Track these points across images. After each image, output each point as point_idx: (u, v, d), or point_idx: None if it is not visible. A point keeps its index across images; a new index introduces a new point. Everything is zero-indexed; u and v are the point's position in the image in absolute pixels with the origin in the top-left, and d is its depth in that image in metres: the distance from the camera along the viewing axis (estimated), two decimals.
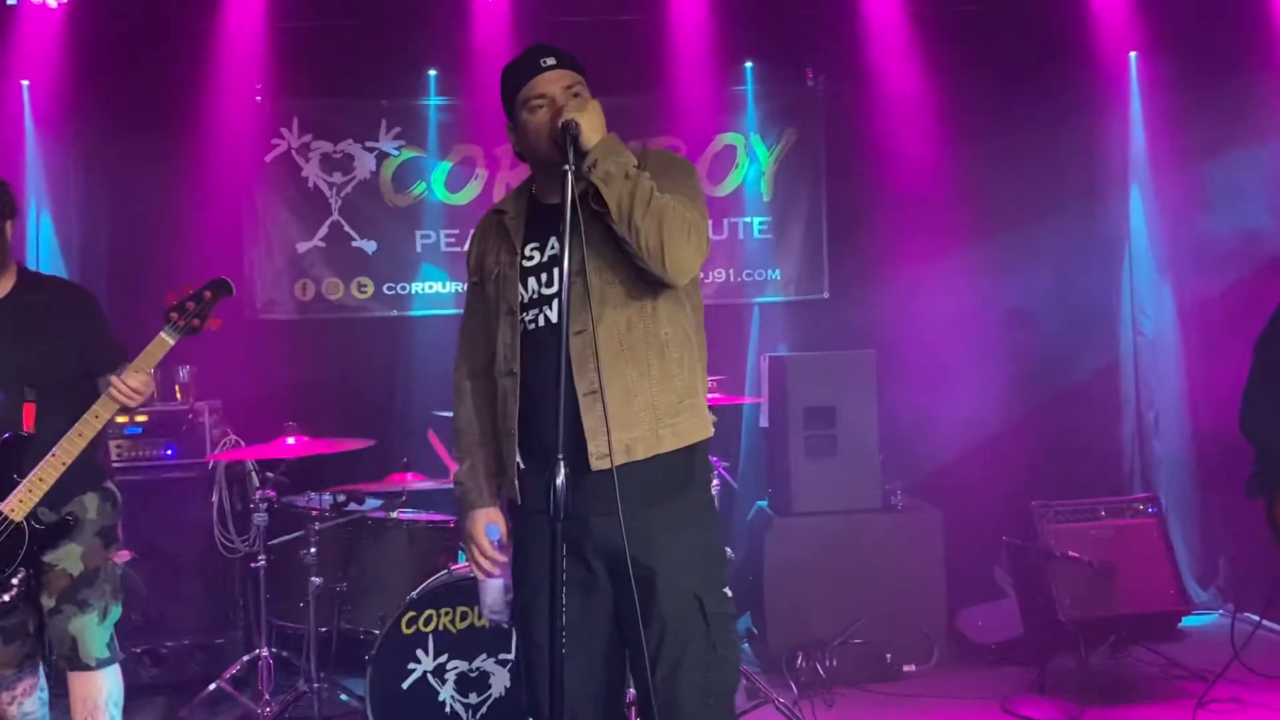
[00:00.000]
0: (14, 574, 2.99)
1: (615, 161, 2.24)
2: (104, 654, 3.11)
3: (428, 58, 5.42)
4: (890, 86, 5.34)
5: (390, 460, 4.29)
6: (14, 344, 3.00)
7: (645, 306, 2.33)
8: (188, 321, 3.07)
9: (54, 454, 2.95)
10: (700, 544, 2.37)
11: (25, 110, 5.17)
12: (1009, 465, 5.06)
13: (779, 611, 4.49)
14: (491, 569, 2.47)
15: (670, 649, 2.28)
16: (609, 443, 2.24)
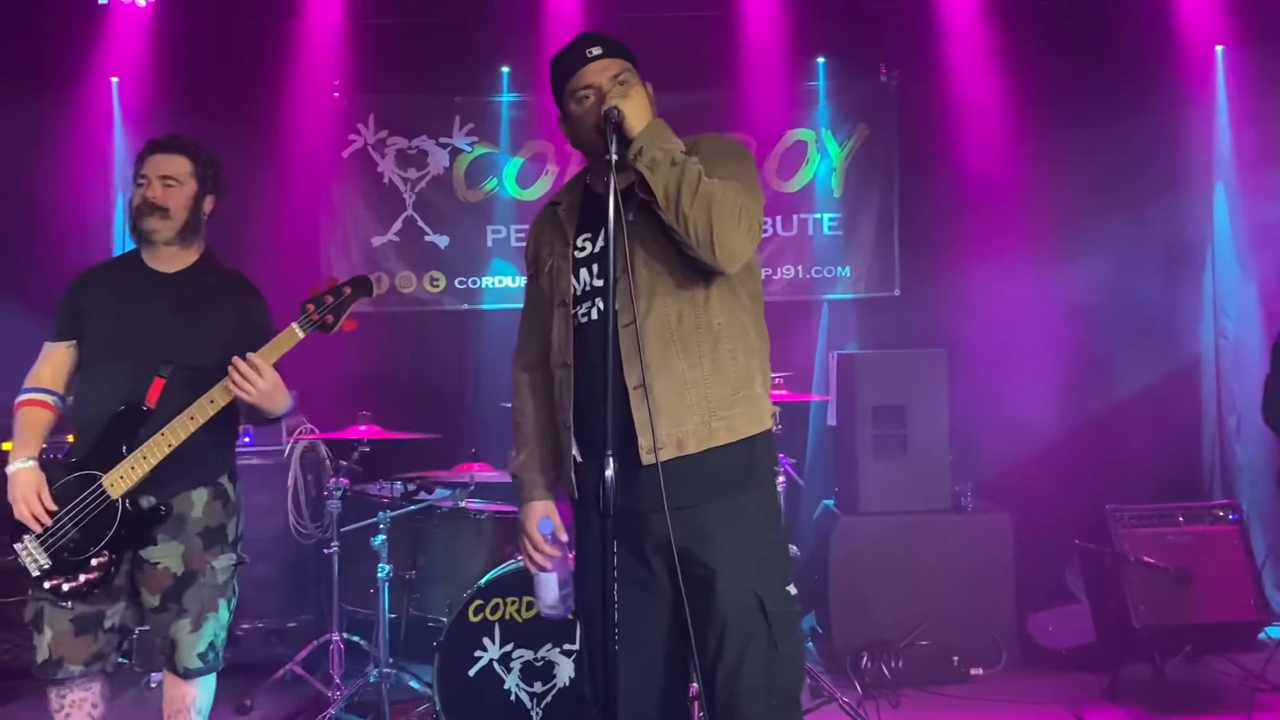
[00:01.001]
0: (98, 555, 2.80)
1: (660, 148, 2.19)
2: (194, 664, 2.93)
3: (501, 55, 5.49)
4: (965, 81, 5.28)
5: (459, 450, 4.34)
6: (172, 318, 2.90)
7: (697, 296, 2.28)
8: (322, 316, 2.89)
9: (162, 434, 2.80)
10: (762, 541, 2.32)
11: (114, 106, 5.35)
12: (1082, 468, 4.96)
13: (844, 611, 4.46)
14: (544, 563, 2.44)
15: (731, 648, 2.25)
16: (657, 437, 2.20)
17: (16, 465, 2.83)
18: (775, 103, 5.43)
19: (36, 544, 2.81)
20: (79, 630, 2.84)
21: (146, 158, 2.99)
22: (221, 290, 3.00)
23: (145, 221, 2.92)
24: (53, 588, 2.80)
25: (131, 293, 2.94)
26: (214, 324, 2.93)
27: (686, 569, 2.26)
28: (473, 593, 3.56)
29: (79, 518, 2.81)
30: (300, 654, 4.27)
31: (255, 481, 4.56)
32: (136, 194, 2.97)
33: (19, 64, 4.96)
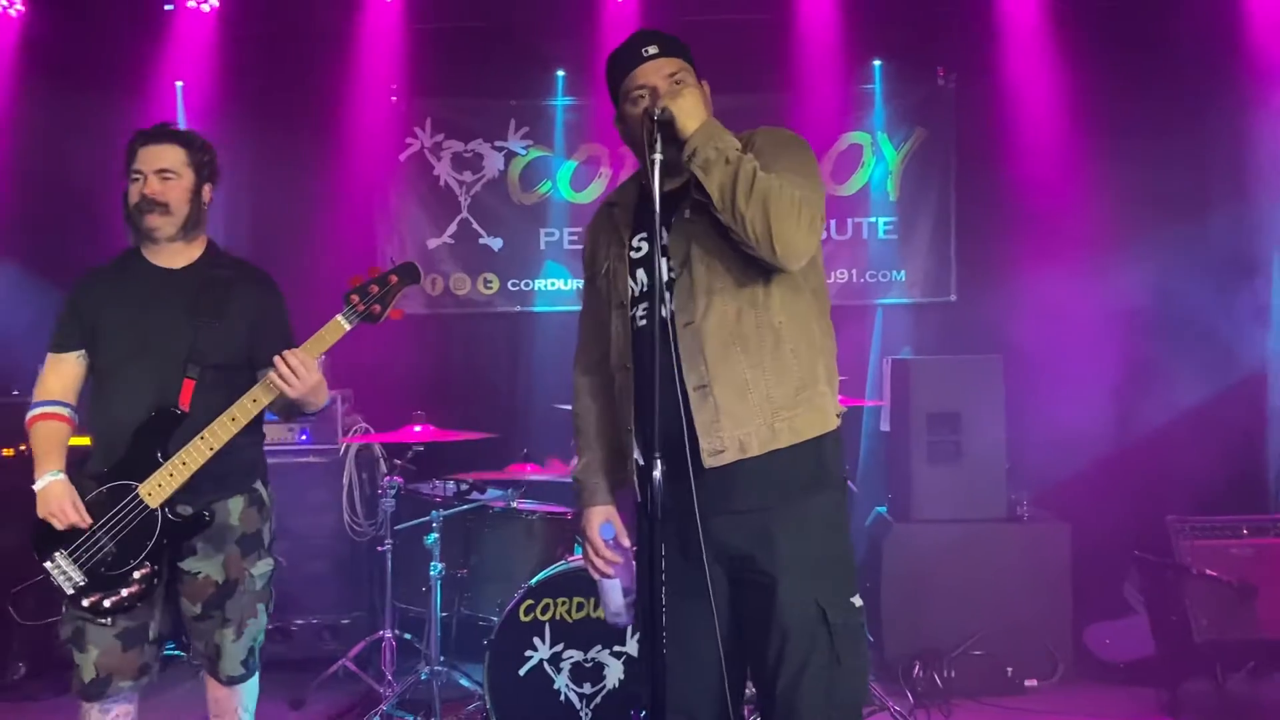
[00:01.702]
0: (139, 567, 2.70)
1: (714, 147, 2.15)
2: (237, 671, 2.88)
3: (556, 59, 5.52)
4: (1024, 84, 5.21)
5: (511, 451, 4.38)
6: (186, 316, 2.77)
7: (757, 294, 2.23)
8: (368, 306, 2.74)
9: (202, 437, 2.69)
10: (826, 549, 2.26)
11: (179, 109, 5.46)
12: (1142, 478, 4.86)
13: (896, 619, 4.41)
14: (606, 569, 2.42)
15: (791, 660, 2.21)
16: (719, 439, 2.18)
17: (46, 480, 2.70)
18: (830, 106, 5.40)
19: (69, 561, 2.70)
20: (126, 645, 2.76)
21: (137, 150, 2.81)
22: (235, 283, 2.86)
23: (145, 219, 2.77)
24: (92, 605, 2.70)
25: (141, 294, 2.80)
26: (234, 319, 2.81)
27: (747, 576, 2.24)
28: (523, 592, 3.58)
29: (115, 530, 2.69)
30: (353, 650, 4.33)
31: (311, 479, 4.65)
32: (132, 190, 2.80)
33: (87, 67, 5.09)
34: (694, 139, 2.16)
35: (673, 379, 2.15)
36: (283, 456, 4.63)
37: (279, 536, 4.48)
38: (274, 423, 4.62)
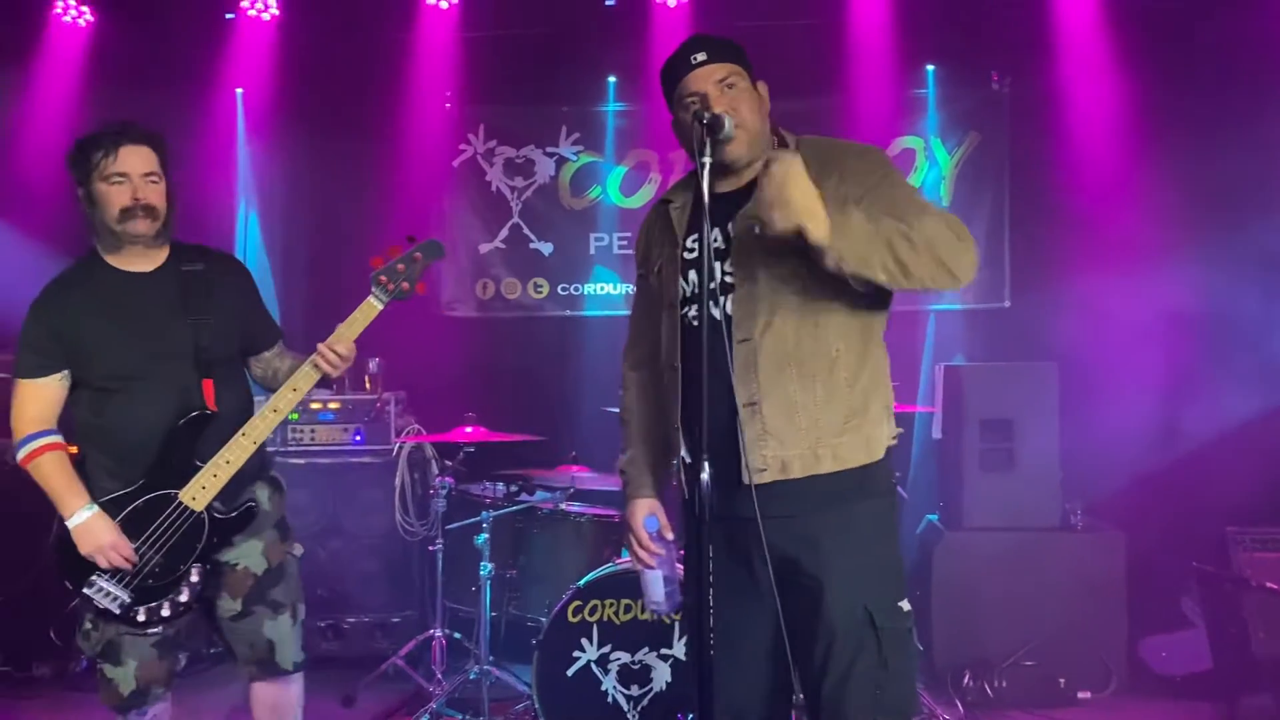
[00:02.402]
0: (191, 570, 2.69)
1: (865, 244, 2.06)
2: (300, 657, 2.87)
3: (607, 65, 5.57)
4: (1078, 88, 5.14)
5: (560, 453, 4.41)
6: (182, 317, 2.71)
7: (820, 318, 2.23)
8: (397, 285, 2.74)
9: (244, 434, 2.67)
10: (874, 553, 2.26)
11: (238, 117, 5.59)
12: (1200, 488, 4.75)
13: (946, 628, 4.37)
14: (649, 560, 2.45)
15: (837, 664, 2.20)
16: (761, 458, 2.19)
17: (82, 515, 2.62)
18: (883, 110, 5.37)
19: (112, 582, 2.65)
20: (163, 654, 2.75)
21: (117, 151, 2.65)
22: (212, 275, 2.80)
23: (134, 224, 2.65)
24: (146, 619, 2.66)
25: (124, 304, 2.70)
26: (223, 311, 2.78)
27: (792, 579, 2.24)
28: (572, 593, 3.60)
29: (160, 543, 2.66)
30: (404, 649, 4.38)
31: (364, 480, 4.72)
32: (116, 193, 2.65)
33: (152, 75, 5.21)
34: (835, 248, 2.06)
35: (723, 381, 2.15)
36: (337, 457, 4.71)
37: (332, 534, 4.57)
38: (328, 424, 4.74)
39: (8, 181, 5.19)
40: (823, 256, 2.07)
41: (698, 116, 2.15)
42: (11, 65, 5.18)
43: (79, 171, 2.70)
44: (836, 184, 2.24)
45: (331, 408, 4.73)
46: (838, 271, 2.09)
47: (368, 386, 4.89)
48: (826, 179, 2.20)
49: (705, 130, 2.12)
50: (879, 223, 2.11)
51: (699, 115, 2.15)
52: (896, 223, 2.11)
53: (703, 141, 2.12)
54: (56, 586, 4.53)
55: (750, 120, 2.27)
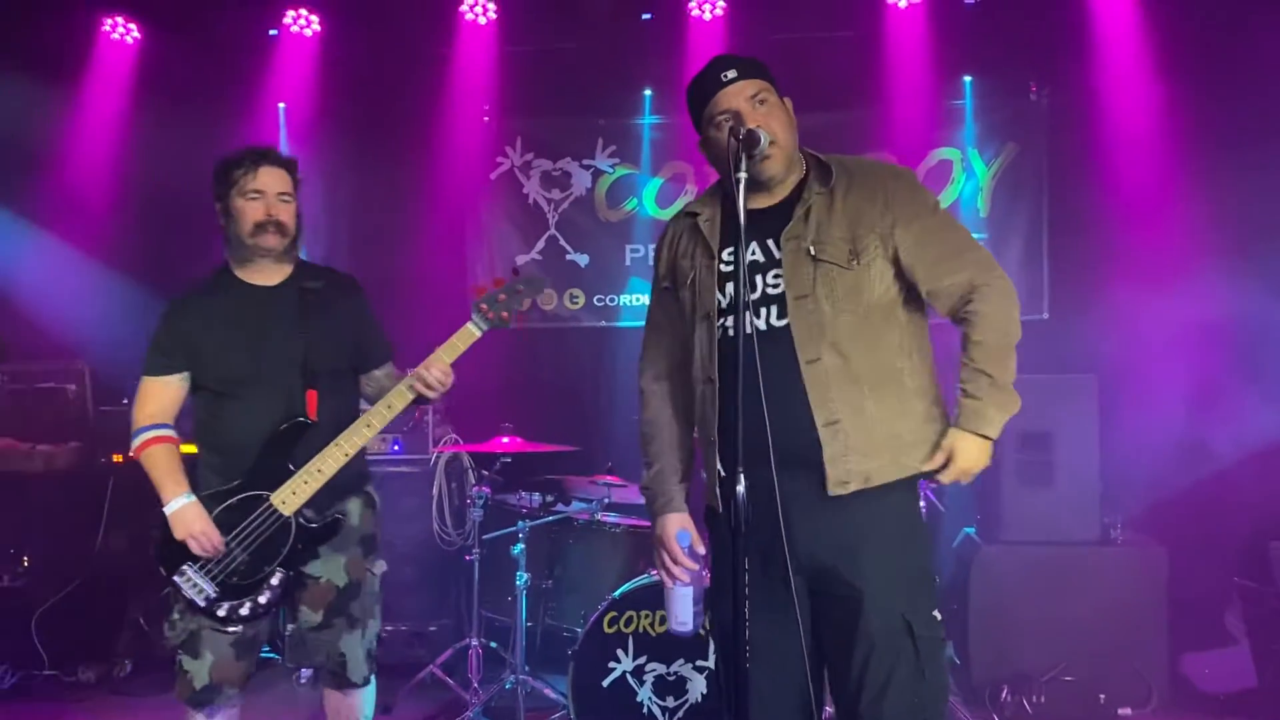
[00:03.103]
0: (273, 573, 2.79)
1: (1001, 417, 2.27)
2: (367, 671, 2.96)
3: (644, 78, 5.60)
4: (1118, 99, 5.11)
5: (596, 464, 4.43)
6: (297, 331, 2.85)
7: (879, 333, 2.28)
8: (497, 313, 2.87)
9: (337, 444, 2.78)
10: (910, 563, 2.28)
11: (281, 130, 5.69)
12: (1243, 502, 4.68)
13: (984, 642, 4.32)
14: (682, 575, 2.42)
15: (876, 674, 2.21)
16: (846, 471, 2.23)
17: (179, 503, 2.76)
18: (919, 122, 5.36)
19: (200, 573, 2.77)
20: (239, 654, 2.83)
21: (257, 170, 2.84)
22: (331, 293, 2.94)
23: (265, 238, 2.83)
24: (227, 614, 2.77)
25: (245, 314, 2.86)
26: (337, 328, 2.91)
27: (829, 589, 2.25)
28: (607, 604, 3.61)
29: (247, 541, 2.78)
30: (441, 657, 4.40)
31: (402, 488, 4.76)
32: (252, 208, 2.83)
33: (197, 90, 5.32)
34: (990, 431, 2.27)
35: (756, 391, 2.15)
36: (375, 466, 4.68)
37: None
38: None
39: (58, 195, 5.32)
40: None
41: (734, 132, 2.17)
42: (62, 82, 5.31)
43: (220, 187, 2.88)
44: (881, 211, 2.30)
45: None
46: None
47: None
48: (870, 203, 2.30)
49: (741, 146, 2.14)
50: (996, 389, 2.26)
51: (735, 131, 2.17)
52: (999, 379, 2.27)
53: (738, 156, 2.13)
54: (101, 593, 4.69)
55: (783, 136, 2.30)
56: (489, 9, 5.39)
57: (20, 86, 5.06)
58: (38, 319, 4.92)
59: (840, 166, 2.35)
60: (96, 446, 4.85)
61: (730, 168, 2.14)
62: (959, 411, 2.28)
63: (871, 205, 2.31)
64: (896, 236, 2.29)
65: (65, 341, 5.08)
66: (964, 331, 2.31)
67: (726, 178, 2.38)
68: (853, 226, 2.29)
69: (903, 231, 2.29)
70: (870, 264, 2.28)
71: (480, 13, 5.39)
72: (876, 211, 2.30)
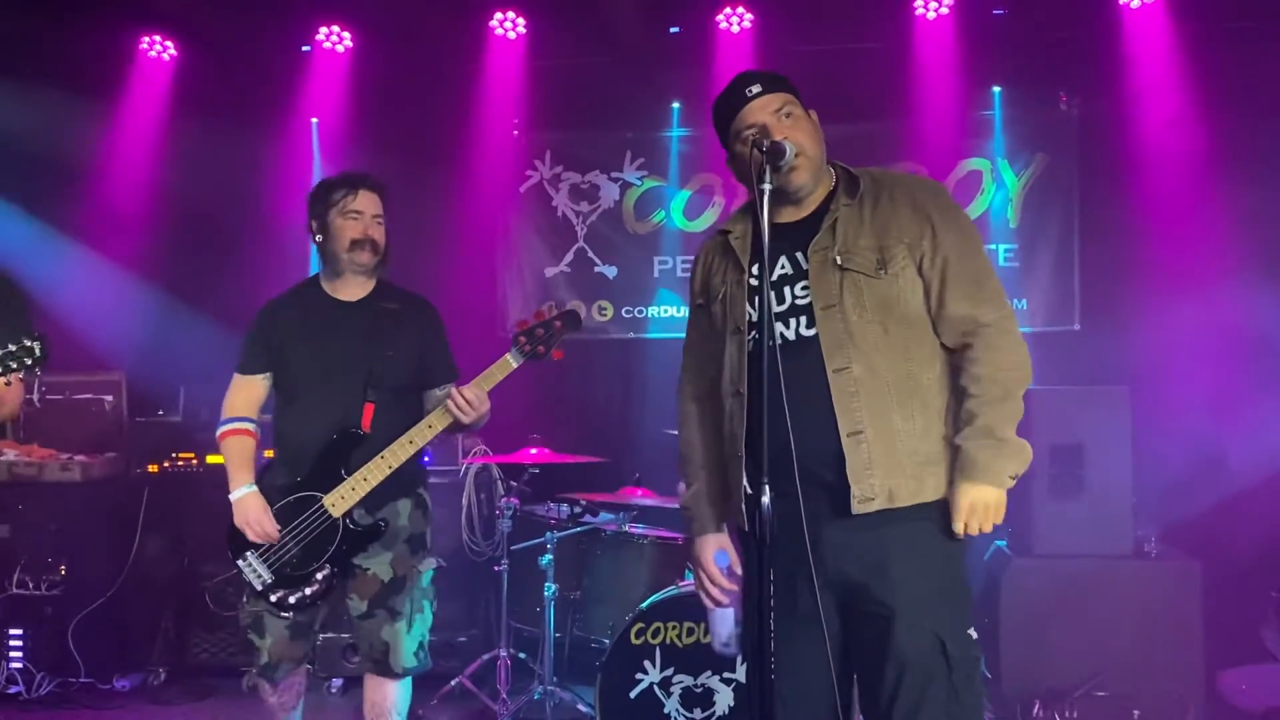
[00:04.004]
0: (320, 569, 3.03)
1: (1007, 468, 2.23)
2: (411, 663, 3.14)
3: (672, 91, 5.63)
4: (1150, 109, 5.06)
5: (623, 475, 4.43)
6: (364, 345, 3.06)
7: (907, 347, 2.26)
8: (534, 347, 3.07)
9: (382, 456, 2.99)
10: (944, 580, 2.25)
11: (313, 145, 5.76)
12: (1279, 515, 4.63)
13: (1015, 656, 4.28)
14: (721, 598, 2.42)
15: (908, 693, 2.18)
16: (870, 486, 2.20)
17: (242, 491, 3.05)
18: (948, 133, 5.35)
19: (259, 560, 3.04)
20: (294, 636, 3.10)
21: (357, 192, 3.12)
22: (404, 314, 3.15)
23: (360, 255, 3.09)
24: (278, 600, 3.04)
25: (323, 325, 3.10)
26: (404, 347, 3.10)
27: (859, 607, 2.23)
28: (634, 615, 3.62)
29: (301, 536, 3.03)
30: (470, 668, 4.42)
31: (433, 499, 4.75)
32: (350, 226, 3.09)
33: (231, 106, 5.41)
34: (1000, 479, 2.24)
35: (781, 405, 2.16)
36: None
37: None
38: None
39: (97, 211, 5.41)
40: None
41: (757, 144, 2.18)
42: (101, 98, 5.41)
43: (318, 206, 3.15)
44: (911, 221, 2.30)
45: None
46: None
47: None
48: (901, 214, 2.29)
49: (766, 158, 2.15)
50: (1004, 445, 2.22)
51: (758, 143, 2.18)
52: (1009, 442, 2.23)
53: (762, 168, 2.15)
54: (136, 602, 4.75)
55: (810, 147, 2.30)
56: (518, 24, 5.44)
57: (61, 103, 5.16)
58: (76, 331, 4.99)
59: (870, 178, 2.36)
60: (132, 457, 4.92)
61: (756, 177, 2.15)
62: (956, 463, 2.24)
63: (901, 216, 2.30)
64: (924, 247, 2.28)
65: (102, 354, 5.16)
66: (961, 381, 2.27)
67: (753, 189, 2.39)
68: (881, 236, 2.29)
69: (931, 244, 2.28)
70: (899, 274, 2.27)
71: (510, 28, 5.44)
72: (906, 222, 2.29)
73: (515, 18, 5.41)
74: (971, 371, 2.25)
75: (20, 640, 4.52)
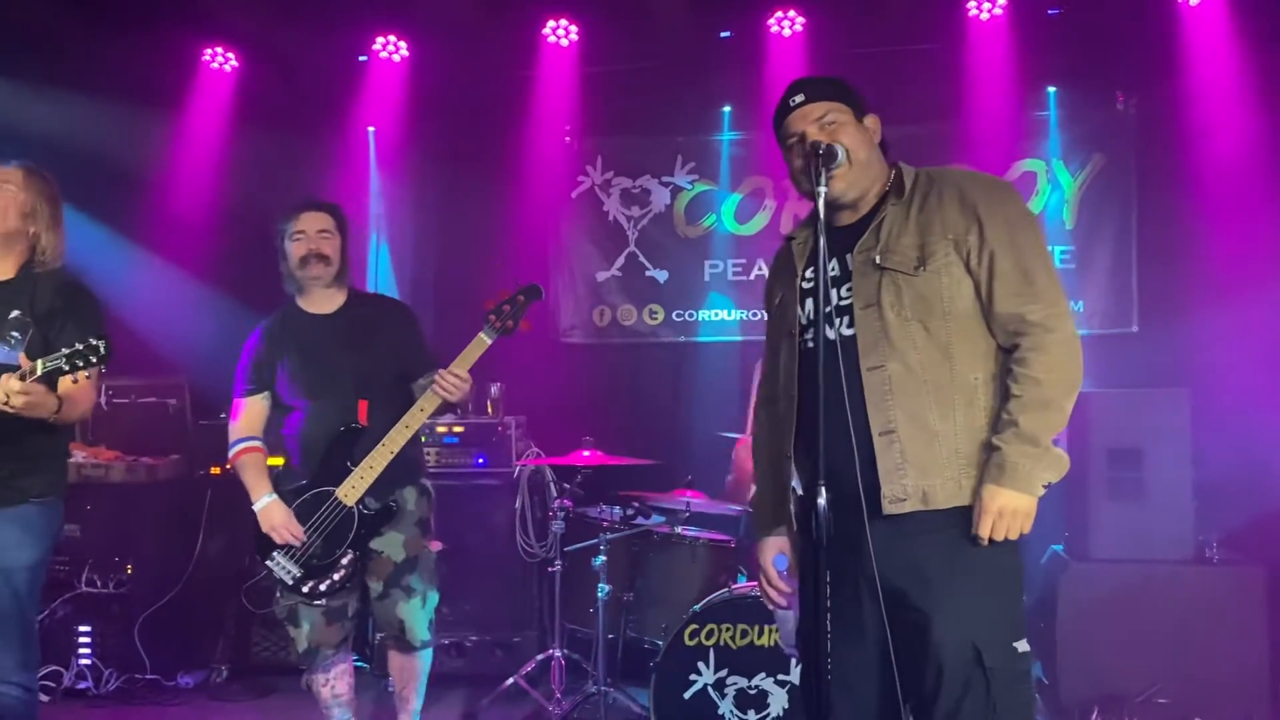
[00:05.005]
0: (344, 555, 3.33)
1: (1039, 472, 2.19)
2: (425, 636, 3.49)
3: (723, 95, 5.64)
4: (1210, 107, 4.96)
5: (675, 477, 4.45)
6: (348, 350, 3.39)
7: (950, 345, 2.23)
8: (503, 323, 3.32)
9: (383, 444, 3.28)
10: (988, 589, 2.19)
11: (370, 153, 5.86)
12: None
13: (1073, 662, 4.23)
14: (780, 599, 2.43)
15: (943, 703, 2.15)
16: (902, 487, 2.19)
17: (265, 501, 3.35)
18: (1002, 134, 5.29)
19: (286, 558, 3.34)
20: (330, 621, 3.40)
21: (298, 215, 3.43)
22: (377, 318, 3.50)
23: (310, 269, 3.39)
24: (309, 591, 3.33)
25: (307, 337, 3.43)
26: (381, 346, 3.43)
27: (900, 612, 2.21)
28: (688, 617, 3.63)
29: (321, 529, 3.33)
30: (524, 668, 4.46)
31: (486, 501, 4.86)
32: (296, 246, 3.40)
33: (290, 115, 5.51)
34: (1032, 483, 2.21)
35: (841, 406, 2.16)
36: (461, 479, 4.84)
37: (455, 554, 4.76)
38: (452, 447, 4.90)
39: (163, 219, 5.54)
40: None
41: (814, 147, 2.20)
42: (165, 109, 5.54)
43: (277, 237, 3.48)
44: (959, 216, 2.27)
45: (456, 431, 4.89)
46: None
47: (490, 411, 5.05)
48: (948, 209, 2.27)
49: (820, 161, 2.18)
50: (1045, 452, 2.19)
51: (816, 145, 2.20)
52: (1050, 448, 2.21)
53: (818, 171, 2.17)
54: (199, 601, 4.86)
55: (856, 152, 2.30)
56: (570, 31, 5.49)
57: (128, 115, 5.29)
58: (142, 336, 5.12)
59: (925, 177, 2.35)
60: (195, 459, 5.04)
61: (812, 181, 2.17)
62: (986, 463, 2.19)
63: (948, 211, 2.27)
64: (971, 242, 2.23)
65: (166, 358, 5.29)
66: (1005, 381, 2.21)
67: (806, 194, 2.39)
68: (924, 233, 2.27)
69: (977, 239, 2.24)
70: (941, 271, 2.24)
71: (562, 35, 5.49)
72: (953, 217, 2.26)
73: (567, 25, 5.46)
74: (1016, 372, 2.19)
75: (89, 637, 4.65)
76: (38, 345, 2.88)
